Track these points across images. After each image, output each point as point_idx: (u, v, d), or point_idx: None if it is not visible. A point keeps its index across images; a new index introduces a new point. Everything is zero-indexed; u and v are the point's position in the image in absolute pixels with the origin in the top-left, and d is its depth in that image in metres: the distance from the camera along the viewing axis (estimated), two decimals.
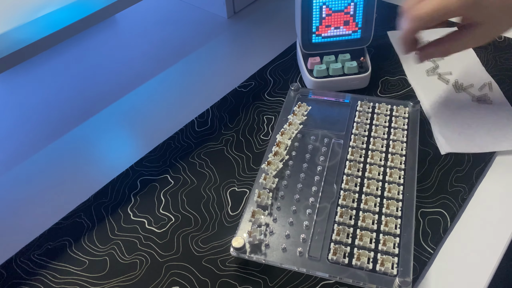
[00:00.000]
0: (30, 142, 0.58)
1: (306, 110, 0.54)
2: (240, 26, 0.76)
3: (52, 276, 0.43)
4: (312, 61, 0.59)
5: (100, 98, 0.64)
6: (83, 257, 0.45)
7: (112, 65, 0.70)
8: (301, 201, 0.45)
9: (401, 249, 0.41)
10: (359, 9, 0.56)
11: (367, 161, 0.48)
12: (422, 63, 0.51)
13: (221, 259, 0.43)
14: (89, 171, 0.54)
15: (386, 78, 0.61)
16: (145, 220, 0.47)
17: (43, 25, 0.55)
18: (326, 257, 0.40)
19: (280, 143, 0.50)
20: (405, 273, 0.39)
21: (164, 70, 0.68)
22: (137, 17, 0.81)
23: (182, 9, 0.81)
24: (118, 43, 0.75)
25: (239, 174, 0.51)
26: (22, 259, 0.45)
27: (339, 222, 0.43)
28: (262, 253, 0.41)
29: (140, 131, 0.59)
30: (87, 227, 0.47)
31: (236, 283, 0.41)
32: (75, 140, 0.58)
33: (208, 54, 0.70)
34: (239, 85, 0.62)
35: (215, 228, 0.46)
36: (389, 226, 0.42)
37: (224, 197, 0.49)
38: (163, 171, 0.52)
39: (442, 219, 0.45)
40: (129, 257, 0.44)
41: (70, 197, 0.50)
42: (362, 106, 0.54)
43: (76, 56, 0.73)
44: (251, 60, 0.68)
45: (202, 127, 0.57)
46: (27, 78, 0.69)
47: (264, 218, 0.44)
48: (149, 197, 0.49)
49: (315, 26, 0.57)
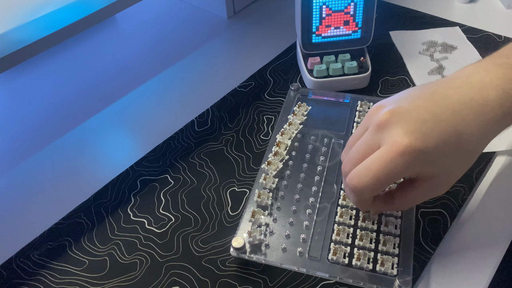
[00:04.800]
0: (30, 142, 0.58)
1: (306, 110, 0.54)
2: (240, 26, 0.76)
3: (52, 276, 0.43)
4: (312, 61, 0.59)
5: (100, 98, 0.64)
6: (83, 257, 0.45)
7: (112, 65, 0.70)
8: (301, 201, 0.45)
9: (401, 249, 0.41)
10: (359, 9, 0.56)
11: None
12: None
13: (221, 259, 0.43)
14: (89, 171, 0.54)
15: (386, 78, 0.61)
16: (145, 220, 0.47)
17: (43, 25, 0.55)
18: (326, 257, 0.40)
19: (280, 143, 0.50)
20: (405, 273, 0.39)
21: (164, 70, 0.68)
22: (137, 17, 0.81)
23: (182, 9, 0.81)
24: (118, 43, 0.75)
25: (239, 174, 0.51)
26: (22, 259, 0.45)
27: (339, 222, 0.43)
28: (262, 253, 0.41)
29: (140, 131, 0.59)
30: (87, 227, 0.47)
31: (236, 283, 0.41)
32: (75, 140, 0.58)
33: (208, 54, 0.70)
34: (239, 85, 0.62)
35: (215, 228, 0.46)
36: (389, 226, 0.42)
37: (224, 197, 0.49)
38: (163, 171, 0.52)
39: (442, 219, 0.45)
40: (129, 257, 0.44)
41: (70, 197, 0.50)
42: (362, 106, 0.54)
43: (76, 56, 0.73)
44: (251, 60, 0.68)
45: (202, 127, 0.57)
46: (27, 78, 0.69)
47: (264, 218, 0.44)
48: (149, 197, 0.49)
49: (315, 26, 0.57)
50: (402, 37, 0.67)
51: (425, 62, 0.63)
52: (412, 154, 0.33)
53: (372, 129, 0.36)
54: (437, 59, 0.63)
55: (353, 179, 0.35)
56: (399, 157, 0.33)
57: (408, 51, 0.65)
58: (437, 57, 0.63)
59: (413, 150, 0.33)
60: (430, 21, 0.70)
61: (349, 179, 0.36)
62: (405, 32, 0.68)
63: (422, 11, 0.72)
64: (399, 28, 0.69)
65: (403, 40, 0.67)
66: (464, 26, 0.68)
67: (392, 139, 0.34)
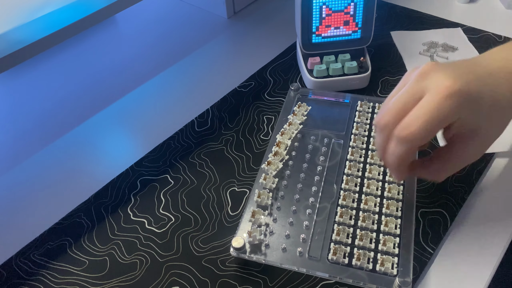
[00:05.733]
0: (30, 142, 0.58)
1: (306, 110, 0.54)
2: (240, 26, 0.76)
3: (52, 276, 0.43)
4: (312, 61, 0.59)
5: (100, 98, 0.64)
6: (83, 257, 0.45)
7: (112, 65, 0.70)
8: (301, 201, 0.45)
9: (401, 249, 0.41)
10: (359, 9, 0.56)
11: (367, 161, 0.48)
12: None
13: (221, 259, 0.43)
14: (89, 171, 0.54)
15: (386, 78, 0.61)
16: (145, 220, 0.47)
17: (43, 25, 0.55)
18: (326, 257, 0.40)
19: (280, 143, 0.50)
20: (405, 273, 0.39)
21: (164, 70, 0.68)
22: (137, 17, 0.81)
23: (182, 9, 0.81)
24: (118, 43, 0.75)
25: (239, 174, 0.51)
26: (22, 259, 0.45)
27: (339, 222, 0.43)
28: (262, 253, 0.41)
29: (140, 131, 0.59)
30: (87, 227, 0.47)
31: (236, 283, 0.41)
32: (75, 140, 0.58)
33: (208, 54, 0.70)
34: (239, 85, 0.62)
35: (215, 228, 0.46)
36: (389, 226, 0.42)
37: (224, 197, 0.49)
38: (163, 171, 0.52)
39: (442, 219, 0.45)
40: (129, 257, 0.44)
41: (70, 197, 0.50)
42: (362, 106, 0.54)
43: (76, 56, 0.73)
44: (251, 60, 0.68)
45: (202, 127, 0.57)
46: (27, 78, 0.69)
47: (264, 218, 0.44)
48: (149, 197, 0.49)
49: (315, 26, 0.57)
50: (403, 37, 0.67)
51: (425, 63, 0.63)
52: (458, 96, 0.34)
53: (414, 79, 0.36)
54: (437, 60, 0.63)
55: (404, 128, 0.35)
56: (447, 100, 0.34)
57: (409, 52, 0.65)
58: (437, 58, 0.63)
59: (460, 92, 0.34)
60: (430, 21, 0.70)
61: (401, 128, 0.35)
62: (406, 32, 0.68)
63: (422, 11, 0.72)
64: (399, 28, 0.69)
65: (404, 40, 0.67)
66: (464, 26, 0.68)
67: (438, 83, 0.35)
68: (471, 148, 0.38)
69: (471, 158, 0.39)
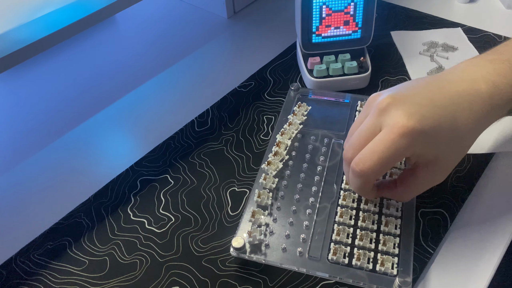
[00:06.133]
0: (30, 142, 0.58)
1: (306, 110, 0.54)
2: (240, 26, 0.76)
3: (52, 276, 0.43)
4: (312, 61, 0.59)
5: (100, 98, 0.64)
6: (83, 257, 0.45)
7: (112, 65, 0.70)
8: (301, 201, 0.45)
9: (401, 249, 0.41)
10: (359, 9, 0.56)
11: None
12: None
13: (221, 259, 0.43)
14: (89, 171, 0.54)
15: (386, 78, 0.61)
16: (145, 220, 0.47)
17: (43, 25, 0.55)
18: (326, 257, 0.40)
19: (280, 143, 0.50)
20: (405, 273, 0.39)
21: (164, 70, 0.68)
22: (137, 17, 0.81)
23: (182, 9, 0.81)
24: (118, 43, 0.75)
25: (239, 174, 0.51)
26: (22, 259, 0.45)
27: (339, 222, 0.43)
28: (262, 253, 0.41)
29: (140, 131, 0.59)
30: (87, 227, 0.47)
31: (236, 283, 0.41)
32: (75, 140, 0.58)
33: (208, 54, 0.70)
34: (239, 85, 0.62)
35: (215, 228, 0.46)
36: (389, 226, 0.42)
37: (224, 197, 0.49)
38: (163, 171, 0.52)
39: (442, 219, 0.45)
40: (129, 257, 0.44)
41: (70, 197, 0.50)
42: (362, 106, 0.54)
43: (76, 56, 0.73)
44: (251, 60, 0.68)
45: (202, 127, 0.57)
46: (27, 78, 0.69)
47: (264, 218, 0.44)
48: (149, 197, 0.49)
49: (315, 26, 0.57)
50: (403, 37, 0.67)
51: (425, 63, 0.63)
52: (412, 135, 0.35)
53: (373, 114, 0.37)
54: (437, 60, 0.63)
55: (358, 163, 0.37)
56: (401, 138, 0.35)
57: (409, 51, 0.65)
58: (437, 57, 0.63)
59: (413, 131, 0.35)
60: (429, 21, 0.70)
61: (355, 163, 0.37)
62: (406, 32, 0.68)
63: (422, 11, 0.72)
64: (399, 28, 0.69)
65: (404, 40, 0.67)
66: (464, 26, 0.68)
67: (393, 121, 0.35)
68: (433, 173, 0.39)
69: (434, 181, 0.40)
